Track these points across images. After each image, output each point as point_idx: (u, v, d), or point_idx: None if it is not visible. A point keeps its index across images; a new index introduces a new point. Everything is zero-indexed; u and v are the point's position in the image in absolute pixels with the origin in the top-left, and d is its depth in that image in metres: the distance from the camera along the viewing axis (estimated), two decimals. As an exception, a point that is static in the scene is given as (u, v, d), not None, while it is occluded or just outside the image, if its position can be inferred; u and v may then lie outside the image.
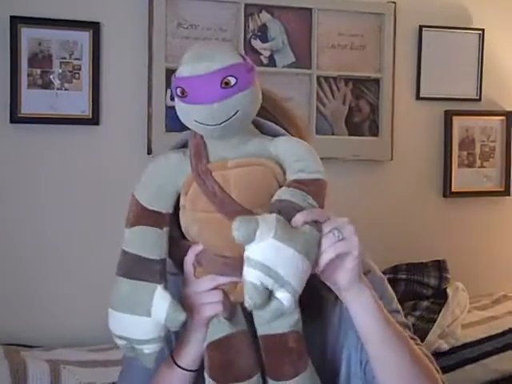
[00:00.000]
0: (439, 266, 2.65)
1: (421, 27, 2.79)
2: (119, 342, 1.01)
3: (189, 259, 1.02)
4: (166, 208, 1.00)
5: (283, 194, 0.95)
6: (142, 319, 0.98)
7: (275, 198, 0.95)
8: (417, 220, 2.82)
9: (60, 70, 2.28)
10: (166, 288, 0.99)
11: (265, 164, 0.97)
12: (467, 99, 2.89)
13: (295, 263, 0.90)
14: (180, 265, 1.04)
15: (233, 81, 0.92)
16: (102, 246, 2.33)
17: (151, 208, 1.00)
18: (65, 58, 2.29)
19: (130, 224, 1.01)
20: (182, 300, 1.02)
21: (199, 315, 1.02)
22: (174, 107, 0.97)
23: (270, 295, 0.90)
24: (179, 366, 1.08)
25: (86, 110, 2.31)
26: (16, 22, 2.22)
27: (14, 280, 2.27)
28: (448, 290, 2.54)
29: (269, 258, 0.89)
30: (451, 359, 2.36)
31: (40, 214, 2.30)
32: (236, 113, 0.93)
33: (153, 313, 0.97)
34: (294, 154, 0.99)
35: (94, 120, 2.33)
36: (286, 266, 0.89)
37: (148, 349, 1.00)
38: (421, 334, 2.33)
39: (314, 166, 0.98)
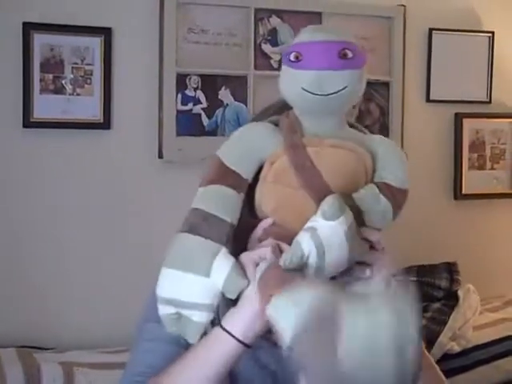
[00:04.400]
0: (450, 268, 2.64)
1: (430, 30, 2.80)
2: (165, 310, 0.95)
3: (256, 234, 0.98)
4: (246, 173, 0.97)
5: (372, 192, 0.97)
6: (198, 279, 0.93)
7: (362, 192, 0.96)
8: (427, 222, 2.82)
9: (72, 76, 2.30)
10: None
11: (359, 152, 0.97)
12: (477, 102, 2.89)
13: (342, 260, 0.91)
14: (236, 249, 0.98)
15: (350, 54, 0.93)
16: (113, 249, 2.35)
17: (233, 168, 0.97)
18: (77, 64, 2.31)
19: (207, 182, 0.97)
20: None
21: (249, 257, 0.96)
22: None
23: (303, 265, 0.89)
24: (231, 334, 0.96)
25: (97, 115, 2.33)
26: (28, 28, 2.24)
27: (25, 282, 2.28)
28: (459, 292, 2.54)
29: (330, 244, 0.89)
30: (463, 361, 2.36)
31: (52, 217, 2.31)
32: (344, 88, 0.93)
33: (212, 273, 0.92)
34: (391, 158, 1.00)
35: (106, 124, 2.34)
36: (334, 257, 0.90)
37: (197, 316, 0.94)
38: (432, 335, 2.34)
39: (404, 175, 1.01)
